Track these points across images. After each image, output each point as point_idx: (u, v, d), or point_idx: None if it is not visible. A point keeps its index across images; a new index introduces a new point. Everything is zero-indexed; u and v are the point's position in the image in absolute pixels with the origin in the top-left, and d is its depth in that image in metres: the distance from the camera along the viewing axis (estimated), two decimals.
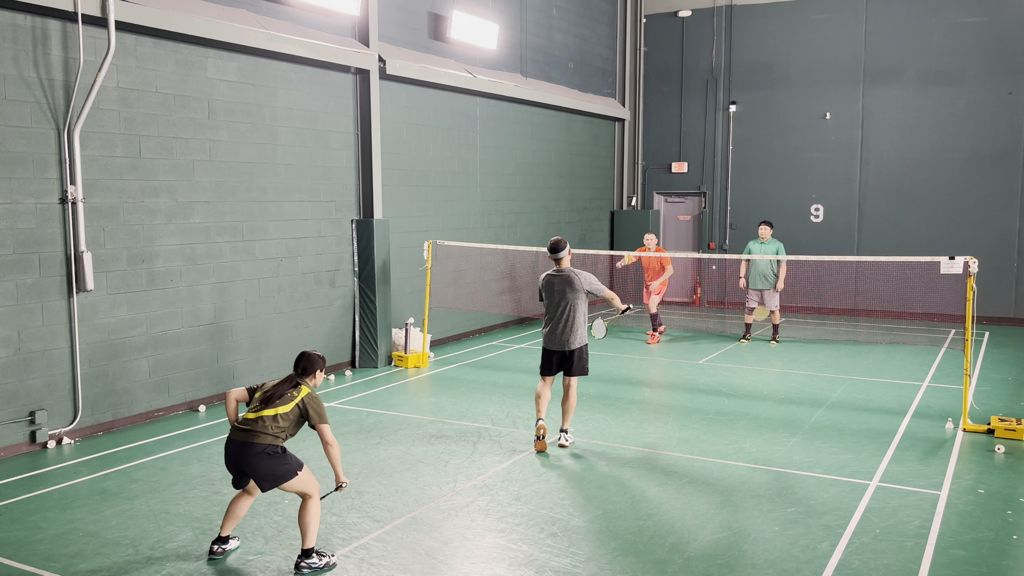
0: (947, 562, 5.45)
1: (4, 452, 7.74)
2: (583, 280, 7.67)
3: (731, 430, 8.52)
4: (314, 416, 5.37)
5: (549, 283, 7.75)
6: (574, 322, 7.69)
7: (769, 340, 13.47)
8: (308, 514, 5.35)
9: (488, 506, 6.46)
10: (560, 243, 7.75)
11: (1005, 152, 15.27)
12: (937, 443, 8.06)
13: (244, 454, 5.26)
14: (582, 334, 7.73)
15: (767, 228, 13.22)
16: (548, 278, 7.77)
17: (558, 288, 7.69)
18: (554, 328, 7.75)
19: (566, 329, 7.69)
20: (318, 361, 5.54)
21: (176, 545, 5.77)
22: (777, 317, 13.40)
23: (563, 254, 7.73)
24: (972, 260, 8.43)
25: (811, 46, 16.78)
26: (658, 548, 5.68)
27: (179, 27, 8.74)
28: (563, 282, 7.68)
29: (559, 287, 7.69)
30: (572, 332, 7.68)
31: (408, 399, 9.99)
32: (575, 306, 7.66)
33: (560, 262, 7.78)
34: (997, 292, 15.27)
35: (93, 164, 8.31)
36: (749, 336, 13.60)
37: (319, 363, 5.54)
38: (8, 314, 7.71)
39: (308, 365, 5.51)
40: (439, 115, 13.10)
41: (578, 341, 7.72)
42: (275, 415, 5.30)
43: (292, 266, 10.58)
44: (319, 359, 5.55)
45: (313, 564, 5.36)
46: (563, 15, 16.44)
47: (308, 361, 5.52)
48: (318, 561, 5.38)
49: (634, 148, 18.88)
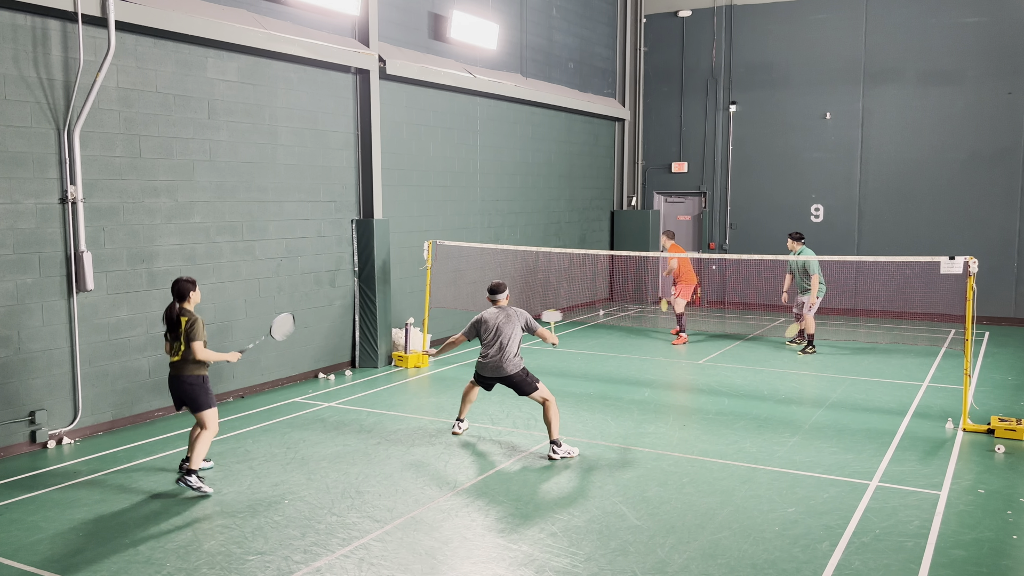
0: (947, 562, 5.45)
1: (4, 452, 7.74)
2: (519, 316, 8.13)
3: (731, 430, 8.52)
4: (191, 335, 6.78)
5: (486, 320, 8.07)
6: (509, 352, 7.98)
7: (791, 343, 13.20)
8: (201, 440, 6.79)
9: (488, 506, 6.47)
10: (501, 286, 8.27)
11: (1005, 152, 15.27)
12: (937, 443, 8.06)
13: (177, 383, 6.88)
14: (517, 362, 8.03)
15: (792, 241, 12.65)
16: (485, 316, 8.12)
17: (495, 324, 8.03)
18: (491, 358, 8.01)
19: (502, 359, 7.96)
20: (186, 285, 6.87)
21: (176, 545, 5.77)
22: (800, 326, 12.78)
23: (502, 296, 8.21)
24: (972, 260, 8.43)
25: (811, 46, 16.78)
26: (658, 548, 5.68)
27: (179, 27, 8.74)
28: (502, 318, 8.05)
29: (495, 323, 8.03)
30: (507, 360, 7.95)
31: (408, 399, 9.99)
32: (512, 338, 8.00)
33: (498, 302, 8.21)
34: (997, 292, 15.27)
35: (93, 164, 8.31)
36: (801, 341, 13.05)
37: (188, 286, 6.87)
38: (8, 314, 7.71)
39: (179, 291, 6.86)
40: (439, 115, 13.10)
41: (513, 368, 7.98)
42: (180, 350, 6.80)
43: (292, 266, 10.58)
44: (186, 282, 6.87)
45: (191, 482, 6.63)
46: (563, 15, 16.44)
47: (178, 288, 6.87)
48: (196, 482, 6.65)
49: (634, 148, 18.88)
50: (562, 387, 10.39)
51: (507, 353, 7.93)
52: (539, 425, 8.63)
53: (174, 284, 6.87)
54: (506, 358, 7.94)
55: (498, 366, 7.96)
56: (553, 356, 12.39)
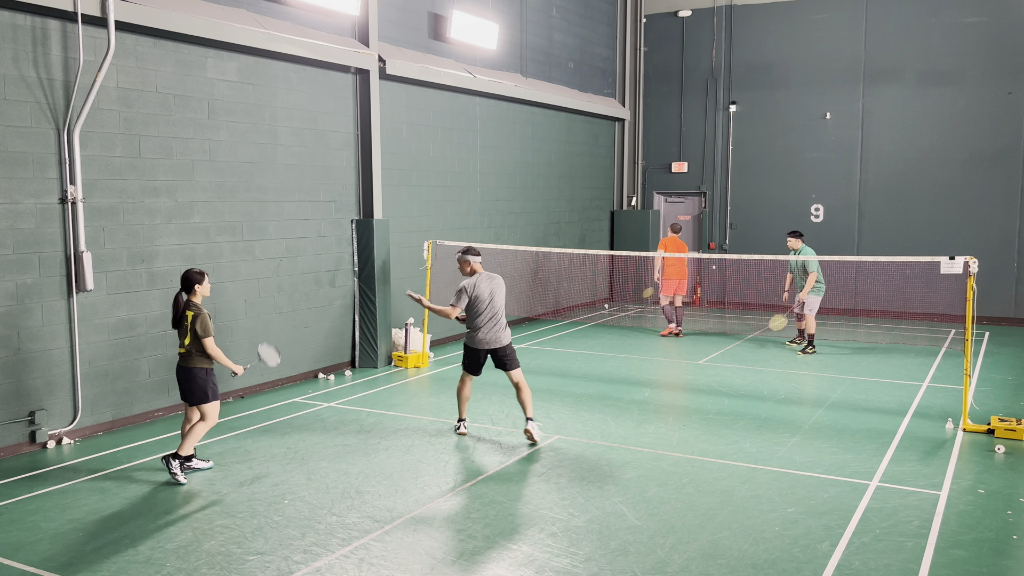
0: (947, 562, 5.45)
1: (4, 452, 7.74)
2: (502, 282, 8.24)
3: (731, 430, 8.52)
4: (199, 331, 6.91)
5: (479, 287, 8.06)
6: (504, 321, 8.11)
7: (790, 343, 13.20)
8: (196, 430, 7.02)
9: (488, 506, 6.46)
10: (476, 248, 8.34)
11: (1005, 152, 15.27)
12: (937, 443, 8.06)
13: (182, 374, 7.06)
14: (508, 331, 8.21)
15: (792, 239, 12.63)
16: (477, 284, 8.07)
17: (488, 291, 8.06)
18: (488, 329, 8.04)
19: (498, 328, 8.05)
20: (195, 275, 6.98)
21: (176, 545, 5.76)
22: (802, 324, 12.84)
23: (480, 258, 8.27)
24: (972, 260, 8.43)
25: (811, 46, 16.78)
26: (658, 548, 5.68)
27: (179, 27, 8.74)
28: (495, 285, 8.14)
29: (489, 290, 8.07)
30: (503, 330, 8.08)
31: (408, 399, 9.99)
32: (503, 305, 8.13)
33: (477, 266, 8.24)
34: (997, 292, 15.26)
35: (93, 164, 8.31)
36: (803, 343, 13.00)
37: (196, 277, 6.98)
38: (8, 314, 7.71)
39: (186, 282, 7.00)
40: (439, 115, 13.10)
41: (507, 337, 8.14)
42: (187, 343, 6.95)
43: (292, 266, 10.58)
44: (196, 273, 6.98)
45: (173, 468, 6.91)
46: (563, 15, 16.44)
47: (186, 279, 7.00)
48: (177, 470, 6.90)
49: (634, 148, 18.88)
50: (562, 387, 10.40)
51: (503, 322, 8.03)
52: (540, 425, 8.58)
53: (183, 275, 7.02)
54: (502, 327, 8.04)
55: (497, 336, 8.04)
56: (553, 356, 12.39)
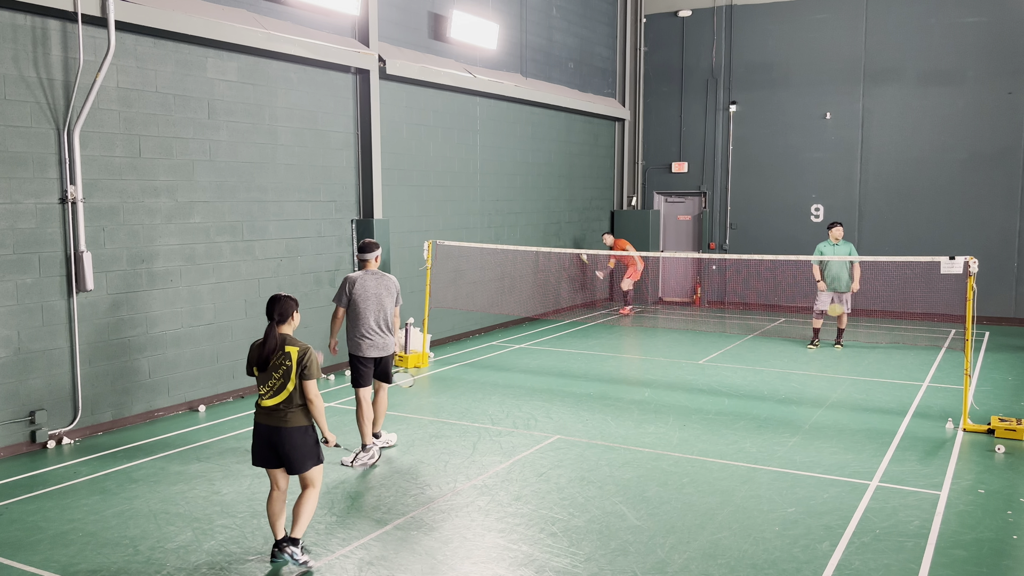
0: (947, 562, 5.45)
1: (4, 452, 7.74)
2: (394, 286, 7.47)
3: (731, 430, 8.52)
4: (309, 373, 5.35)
5: (364, 286, 7.32)
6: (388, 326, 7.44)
7: (833, 344, 13.07)
8: (308, 503, 5.51)
9: (488, 506, 6.46)
10: (375, 244, 7.55)
11: (1005, 152, 15.27)
12: (937, 443, 8.06)
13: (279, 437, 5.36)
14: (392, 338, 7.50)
15: (840, 228, 12.66)
16: (362, 280, 7.33)
17: (375, 292, 7.36)
18: (375, 333, 7.39)
19: (386, 332, 7.43)
20: (289, 303, 5.44)
21: (176, 545, 5.76)
22: (845, 320, 12.98)
23: (373, 256, 7.51)
24: (972, 260, 8.43)
25: (811, 46, 16.78)
26: (658, 548, 5.68)
27: (179, 27, 8.74)
28: (383, 288, 7.42)
29: (375, 290, 7.36)
30: (388, 337, 7.42)
31: (408, 399, 9.99)
32: (390, 311, 7.43)
33: (368, 264, 7.52)
34: (997, 292, 15.26)
35: (93, 164, 8.31)
36: (818, 342, 13.03)
37: (291, 304, 5.45)
38: (8, 314, 7.71)
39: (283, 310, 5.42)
40: (439, 115, 13.10)
41: (392, 345, 7.49)
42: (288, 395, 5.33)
43: (292, 266, 10.58)
44: (290, 300, 5.46)
45: (296, 555, 5.41)
46: (563, 15, 16.44)
47: (283, 307, 5.41)
48: (301, 555, 5.43)
49: (634, 148, 18.88)
50: (562, 387, 10.40)
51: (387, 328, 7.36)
52: (540, 425, 8.63)
53: (272, 302, 5.41)
54: (387, 332, 7.35)
55: (385, 343, 7.39)
56: (553, 356, 12.39)
